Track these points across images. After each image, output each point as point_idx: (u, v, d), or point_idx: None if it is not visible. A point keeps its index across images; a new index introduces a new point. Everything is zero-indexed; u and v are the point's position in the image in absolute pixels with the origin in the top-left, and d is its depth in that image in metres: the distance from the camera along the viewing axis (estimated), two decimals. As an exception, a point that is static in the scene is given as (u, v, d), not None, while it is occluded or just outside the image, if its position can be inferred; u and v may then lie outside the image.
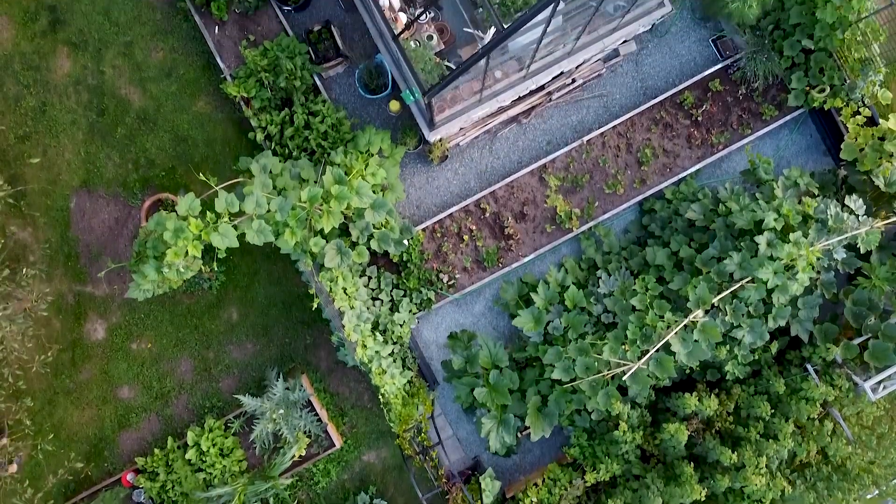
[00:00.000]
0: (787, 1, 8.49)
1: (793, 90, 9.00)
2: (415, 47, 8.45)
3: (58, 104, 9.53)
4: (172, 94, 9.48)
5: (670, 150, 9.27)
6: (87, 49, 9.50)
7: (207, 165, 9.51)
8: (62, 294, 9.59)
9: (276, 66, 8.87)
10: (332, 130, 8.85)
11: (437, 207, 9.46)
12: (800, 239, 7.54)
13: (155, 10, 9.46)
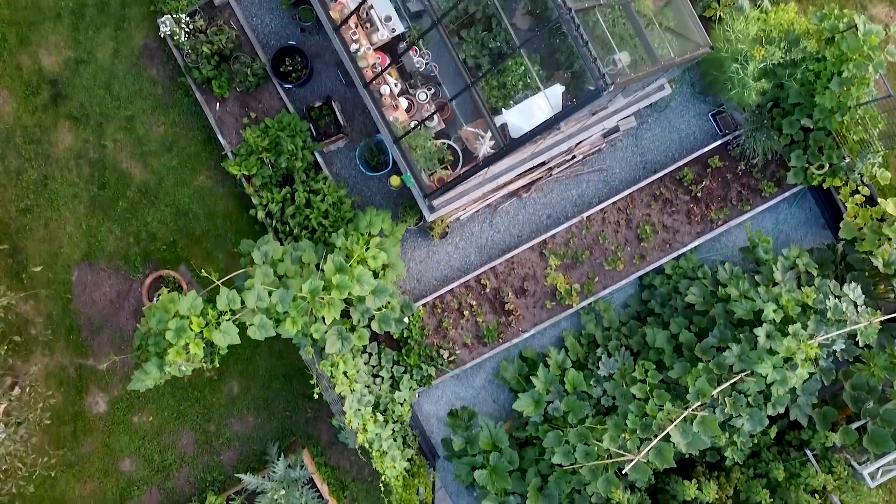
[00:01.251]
0: (787, 81, 8.51)
1: (792, 167, 9.03)
2: (415, 132, 8.50)
3: (59, 177, 9.57)
4: (173, 168, 9.51)
5: (670, 226, 9.31)
6: (88, 123, 9.53)
7: (209, 239, 9.54)
8: (64, 367, 9.62)
9: (278, 144, 8.91)
10: (332, 209, 8.88)
11: (438, 281, 9.49)
12: (799, 331, 7.57)
13: (156, 85, 9.48)
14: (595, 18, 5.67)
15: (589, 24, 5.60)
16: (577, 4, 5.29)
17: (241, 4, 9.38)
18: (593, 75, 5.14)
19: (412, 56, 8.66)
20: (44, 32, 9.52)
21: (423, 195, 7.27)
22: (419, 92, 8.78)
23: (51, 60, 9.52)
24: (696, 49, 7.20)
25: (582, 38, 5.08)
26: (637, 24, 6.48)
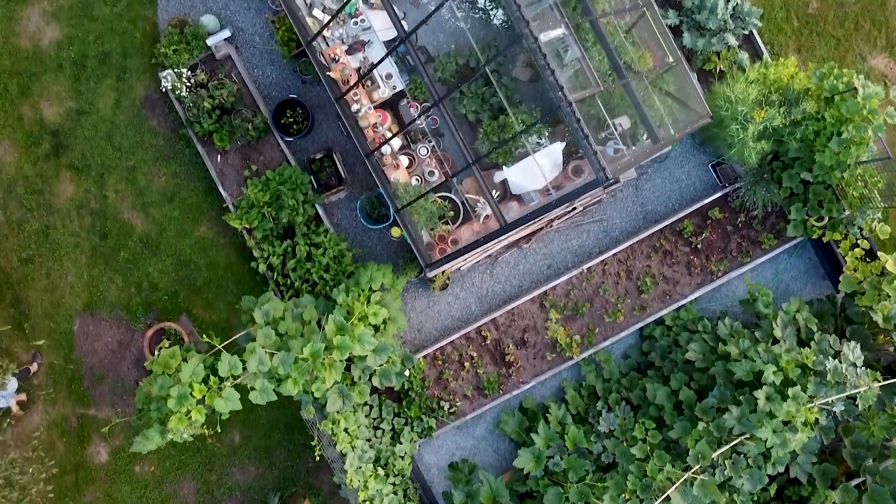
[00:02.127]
0: (786, 136, 8.52)
1: (792, 220, 9.03)
2: (415, 185, 8.53)
3: (61, 227, 9.60)
4: (175, 219, 9.54)
5: (670, 277, 9.33)
6: (89, 173, 9.56)
7: (210, 290, 9.57)
8: (66, 416, 9.65)
9: (279, 198, 8.93)
10: (333, 263, 8.91)
11: (439, 332, 9.51)
12: (798, 394, 7.59)
13: (157, 136, 9.51)
14: (595, 101, 5.69)
15: (588, 107, 5.63)
16: (578, 95, 5.31)
17: (242, 56, 9.41)
18: (594, 167, 5.16)
19: (413, 113, 8.70)
20: (45, 83, 9.55)
21: (425, 264, 7.29)
22: (420, 147, 8.83)
23: (52, 111, 9.55)
24: (696, 120, 7.22)
25: (583, 132, 5.10)
26: (637, 103, 6.50)
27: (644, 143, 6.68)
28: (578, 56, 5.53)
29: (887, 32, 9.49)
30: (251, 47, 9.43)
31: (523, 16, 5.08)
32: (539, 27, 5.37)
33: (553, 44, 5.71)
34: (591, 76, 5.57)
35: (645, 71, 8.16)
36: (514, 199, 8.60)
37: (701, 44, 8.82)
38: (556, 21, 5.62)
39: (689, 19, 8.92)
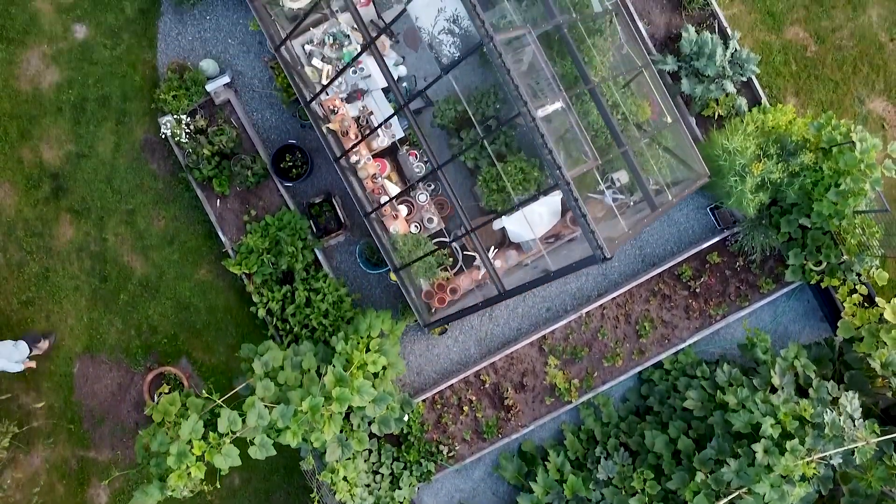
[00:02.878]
0: (784, 187, 8.53)
1: (790, 265, 9.06)
2: (414, 234, 8.55)
3: (61, 270, 9.62)
4: (174, 262, 9.56)
5: (668, 321, 9.35)
6: (89, 216, 9.58)
7: (209, 332, 9.59)
8: (66, 459, 9.67)
9: (278, 243, 8.95)
10: (333, 309, 8.93)
11: (438, 375, 9.53)
12: (797, 447, 7.61)
13: (157, 180, 9.53)
14: (592, 171, 5.72)
15: (585, 175, 5.65)
16: (576, 171, 5.34)
17: (241, 100, 9.43)
18: (591, 246, 5.18)
19: (412, 161, 8.72)
20: (45, 126, 9.57)
21: (424, 323, 7.31)
22: (419, 193, 8.85)
23: (52, 154, 9.57)
24: (694, 181, 7.25)
25: (581, 210, 5.12)
26: (636, 171, 6.53)
27: (642, 211, 6.71)
28: (576, 129, 5.55)
29: (885, 76, 9.52)
30: (250, 91, 9.45)
31: (521, 95, 5.10)
32: (537, 102, 5.40)
33: (551, 117, 5.75)
34: (590, 149, 5.60)
35: (644, 121, 8.19)
36: (512, 248, 8.63)
37: (699, 90, 8.84)
38: (553, 94, 5.64)
39: (687, 65, 8.95)
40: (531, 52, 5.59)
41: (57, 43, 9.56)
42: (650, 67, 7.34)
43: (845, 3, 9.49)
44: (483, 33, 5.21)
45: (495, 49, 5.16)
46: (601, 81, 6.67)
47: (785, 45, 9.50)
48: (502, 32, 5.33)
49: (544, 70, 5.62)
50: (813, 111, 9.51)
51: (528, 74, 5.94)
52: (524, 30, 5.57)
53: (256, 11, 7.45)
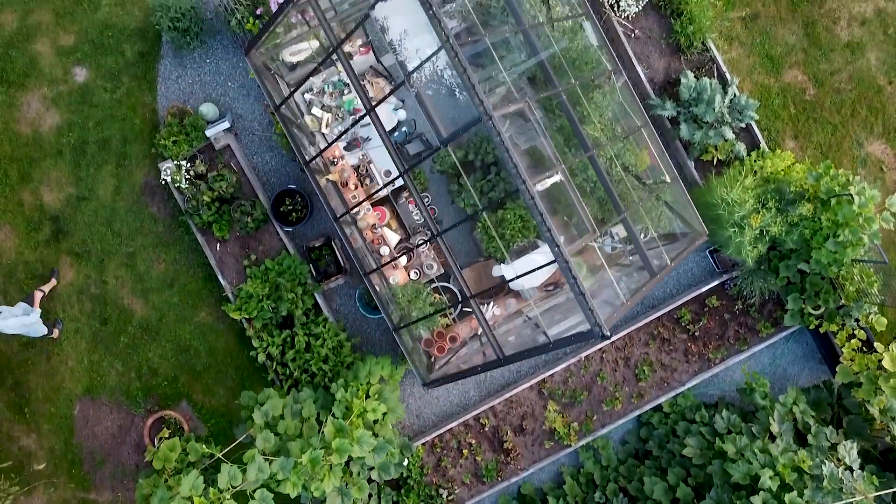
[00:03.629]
0: (783, 236, 8.53)
1: (789, 310, 9.07)
2: (413, 281, 8.56)
3: (61, 313, 9.63)
4: (174, 304, 9.58)
5: (668, 364, 9.37)
6: (90, 259, 9.59)
7: (209, 375, 9.61)
8: (66, 501, 9.69)
9: (278, 288, 8.97)
10: (332, 354, 8.95)
11: (437, 417, 9.55)
12: (795, 500, 7.63)
13: (157, 223, 9.55)
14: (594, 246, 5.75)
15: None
16: (576, 246, 5.36)
17: (241, 143, 9.45)
18: (589, 321, 5.20)
19: (411, 209, 8.73)
20: (45, 169, 9.59)
21: (423, 383, 7.33)
22: (418, 238, 8.86)
23: (52, 197, 9.59)
24: (692, 241, 7.26)
25: (580, 288, 5.15)
26: (635, 238, 6.56)
27: (641, 278, 6.73)
28: (575, 202, 5.57)
29: (884, 119, 9.54)
30: (250, 134, 9.47)
31: (521, 174, 5.12)
32: (536, 176, 5.42)
33: (550, 189, 5.77)
34: (588, 222, 5.63)
35: (643, 171, 8.21)
36: (512, 295, 8.64)
37: (698, 136, 8.86)
38: (553, 165, 5.66)
39: (686, 111, 8.96)
40: (531, 123, 5.61)
41: (57, 86, 9.58)
42: (648, 126, 7.36)
43: (844, 46, 9.51)
44: (482, 111, 5.23)
45: (494, 128, 5.19)
46: (599, 141, 6.69)
47: (784, 88, 9.53)
48: (501, 108, 5.35)
49: (543, 142, 5.63)
50: (812, 153, 9.53)
51: (526, 140, 5.96)
52: (523, 103, 5.59)
53: (257, 72, 7.48)
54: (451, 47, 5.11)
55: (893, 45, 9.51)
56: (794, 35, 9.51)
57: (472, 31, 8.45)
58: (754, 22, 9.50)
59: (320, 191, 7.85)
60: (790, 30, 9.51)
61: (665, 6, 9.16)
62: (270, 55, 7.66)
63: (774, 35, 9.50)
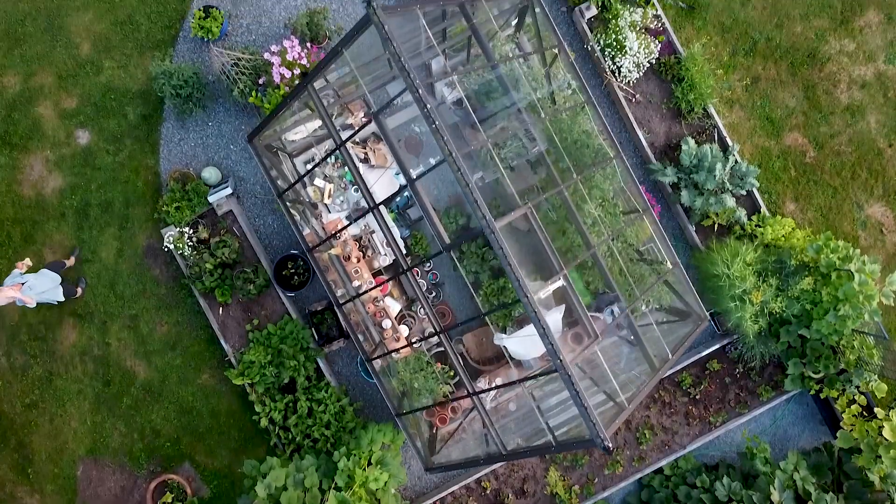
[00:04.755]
0: (784, 309, 8.57)
1: (789, 374, 9.11)
2: (416, 350, 8.59)
3: (64, 374, 9.67)
4: (177, 366, 9.61)
5: (668, 428, 9.40)
6: (92, 321, 9.63)
7: (212, 436, 9.64)
8: (69, 562, 9.73)
9: (280, 353, 9.00)
10: (334, 420, 8.98)
11: (439, 479, 9.58)
12: (796, 576, 7.67)
13: (160, 285, 9.58)
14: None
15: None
16: (576, 354, 5.39)
17: (243, 206, 9.49)
18: (591, 434, 5.24)
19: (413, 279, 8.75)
20: (48, 231, 9.63)
21: (426, 468, 7.37)
22: (419, 307, 8.89)
23: (55, 258, 9.61)
24: (693, 329, 7.30)
25: (581, 401, 5.18)
26: (637, 335, 6.59)
27: (641, 375, 6.77)
28: (577, 307, 5.61)
29: (884, 181, 9.57)
30: (252, 197, 9.51)
31: (522, 287, 5.15)
32: (537, 283, 5.46)
33: (552, 295, 5.81)
34: (591, 328, 5.66)
35: (642, 242, 8.24)
36: (513, 365, 8.67)
37: (699, 203, 8.89)
38: (554, 271, 5.70)
39: (686, 177, 9.00)
40: (532, 227, 5.64)
41: (60, 148, 9.62)
42: (649, 212, 7.40)
43: (844, 109, 9.54)
44: (485, 224, 5.26)
45: (496, 241, 5.22)
46: (601, 233, 6.73)
47: (784, 150, 9.56)
48: (503, 218, 5.39)
49: (545, 246, 5.67)
50: (812, 216, 9.56)
51: (527, 240, 5.99)
52: (525, 209, 5.62)
53: (259, 159, 7.53)
54: (453, 161, 5.15)
55: (893, 107, 9.54)
56: (795, 98, 9.54)
57: (471, 102, 8.51)
58: (755, 85, 9.54)
59: (323, 278, 7.90)
60: (790, 93, 9.54)
61: (666, 72, 9.19)
62: (272, 137, 7.69)
63: (775, 98, 9.53)
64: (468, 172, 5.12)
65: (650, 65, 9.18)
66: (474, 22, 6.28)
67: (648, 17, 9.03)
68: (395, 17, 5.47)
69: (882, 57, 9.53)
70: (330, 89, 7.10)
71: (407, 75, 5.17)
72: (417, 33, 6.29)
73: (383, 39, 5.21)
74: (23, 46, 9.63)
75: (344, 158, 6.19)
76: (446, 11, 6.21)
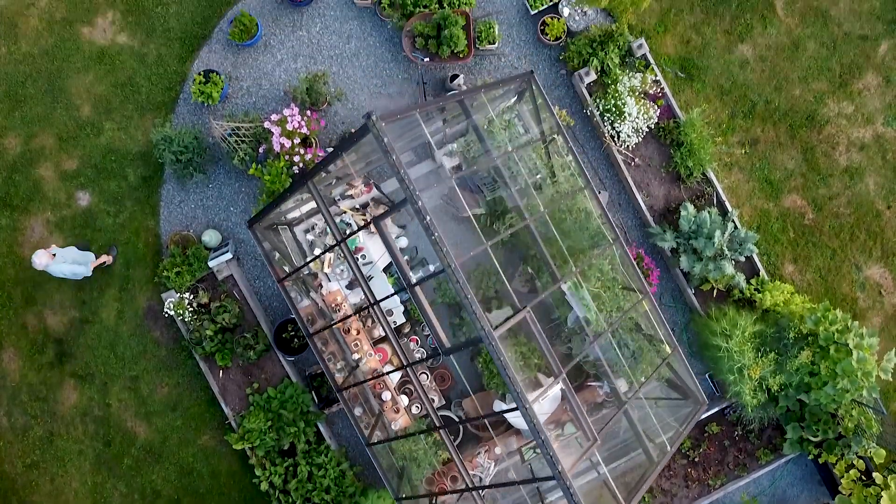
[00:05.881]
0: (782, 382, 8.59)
1: (788, 439, 9.13)
2: (415, 413, 8.61)
3: (65, 434, 9.70)
4: (177, 428, 9.64)
5: (668, 490, 9.43)
6: (93, 382, 9.66)
7: (213, 497, 9.67)
8: None
9: (280, 417, 9.03)
10: (334, 485, 9.01)
11: (439, 540, 9.61)
12: None
13: (160, 347, 9.61)
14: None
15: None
16: (573, 462, 5.42)
17: (243, 268, 9.52)
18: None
19: (413, 346, 8.79)
20: (49, 292, 9.65)
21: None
22: (419, 373, 8.92)
23: (56, 320, 9.65)
24: (692, 415, 7.33)
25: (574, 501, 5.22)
26: (637, 431, 6.63)
27: (639, 460, 6.80)
28: (577, 412, 5.64)
29: (882, 243, 9.59)
30: (252, 258, 9.53)
31: (520, 397, 5.18)
32: (533, 392, 5.49)
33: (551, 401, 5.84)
34: (589, 430, 5.68)
35: (641, 318, 8.26)
36: (513, 433, 8.70)
37: (698, 268, 8.91)
38: (554, 373, 5.73)
39: (686, 243, 9.02)
40: (529, 324, 5.67)
41: (60, 210, 9.64)
42: (648, 297, 7.43)
43: (842, 171, 9.57)
44: (483, 335, 5.29)
45: (494, 349, 5.25)
46: (598, 329, 6.77)
47: (783, 212, 9.58)
48: (502, 326, 5.42)
49: (544, 351, 5.70)
50: (811, 277, 9.58)
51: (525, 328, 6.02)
52: (524, 313, 5.65)
53: (261, 245, 7.57)
54: (452, 273, 5.17)
55: (892, 170, 9.57)
56: (794, 160, 9.57)
57: (470, 163, 8.53)
58: (754, 147, 9.56)
59: (323, 363, 7.92)
60: (789, 155, 9.57)
61: (665, 136, 9.22)
62: (272, 219, 7.73)
63: (774, 160, 9.56)
64: (468, 285, 5.15)
65: (649, 129, 9.21)
66: (473, 118, 6.30)
67: (648, 82, 9.06)
68: (394, 122, 5.50)
69: (880, 119, 9.56)
70: (332, 177, 7.12)
71: (407, 187, 5.19)
72: (416, 123, 6.31)
73: (383, 151, 5.24)
74: (23, 108, 9.66)
75: (345, 254, 6.20)
76: (445, 106, 6.23)
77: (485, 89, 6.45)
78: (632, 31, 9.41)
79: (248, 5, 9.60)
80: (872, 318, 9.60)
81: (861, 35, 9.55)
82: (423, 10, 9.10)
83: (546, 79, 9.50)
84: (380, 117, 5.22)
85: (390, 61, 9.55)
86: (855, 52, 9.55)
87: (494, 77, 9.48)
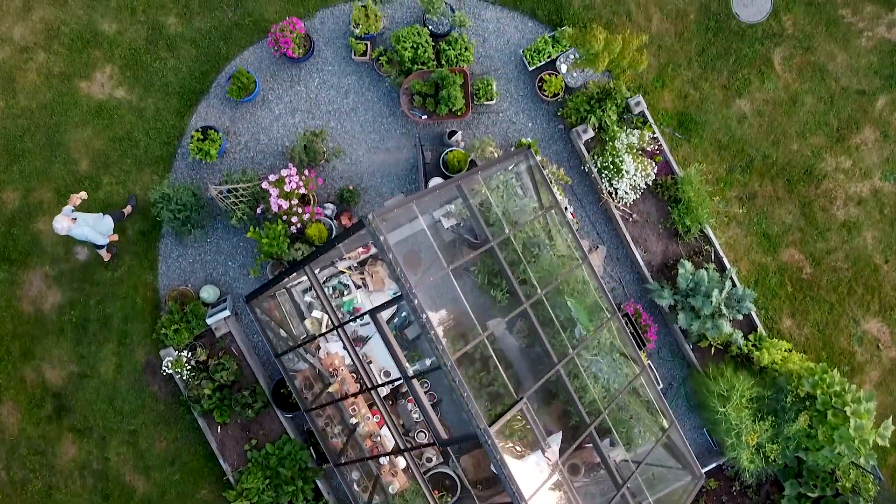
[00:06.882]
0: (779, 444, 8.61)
1: (786, 495, 9.14)
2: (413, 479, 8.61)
3: (63, 488, 9.71)
4: (176, 482, 9.64)
5: (666, 545, 9.44)
6: (91, 436, 9.67)
7: (211, 551, 9.69)
8: None
9: (278, 475, 9.04)
10: (333, 543, 9.03)
11: None
12: None
13: (158, 401, 9.62)
14: None
15: None
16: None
17: (241, 323, 9.53)
18: None
19: (410, 408, 8.80)
20: (47, 346, 9.66)
21: None
22: (417, 432, 8.93)
23: (54, 374, 9.66)
24: (689, 483, 7.35)
25: None
26: None
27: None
28: (569, 495, 5.66)
29: (880, 297, 9.60)
30: (249, 313, 9.53)
31: (512, 489, 5.19)
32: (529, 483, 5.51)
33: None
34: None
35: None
36: (511, 493, 8.70)
37: (696, 326, 8.91)
38: (548, 458, 5.75)
39: (683, 300, 9.03)
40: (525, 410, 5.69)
41: (59, 264, 9.65)
42: (646, 372, 7.44)
43: (840, 226, 9.57)
44: (479, 433, 5.30)
45: (492, 450, 5.27)
46: (595, 407, 6.79)
47: (781, 266, 9.59)
48: (498, 422, 5.43)
49: (540, 441, 5.71)
50: (809, 331, 9.59)
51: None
52: (521, 405, 5.66)
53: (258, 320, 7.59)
54: (448, 371, 5.18)
55: (889, 224, 9.58)
56: (791, 215, 9.58)
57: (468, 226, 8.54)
58: (752, 202, 9.57)
59: (320, 434, 7.93)
60: (787, 209, 9.57)
61: (663, 192, 9.23)
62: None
63: (772, 215, 9.57)
64: (464, 384, 5.16)
65: (647, 186, 9.22)
66: (471, 202, 6.32)
67: (645, 139, 9.07)
68: (391, 219, 5.50)
69: (878, 174, 9.57)
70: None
71: (406, 293, 5.20)
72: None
73: (380, 250, 5.24)
74: (22, 162, 9.67)
75: (341, 337, 6.21)
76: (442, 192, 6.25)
77: (482, 171, 6.46)
78: (629, 86, 9.41)
79: (246, 60, 9.61)
80: (870, 371, 9.61)
81: (858, 90, 9.56)
82: (420, 67, 9.10)
83: (544, 134, 9.51)
84: (376, 215, 5.23)
85: (388, 116, 9.56)
86: (852, 107, 9.56)
87: (492, 133, 9.49)
